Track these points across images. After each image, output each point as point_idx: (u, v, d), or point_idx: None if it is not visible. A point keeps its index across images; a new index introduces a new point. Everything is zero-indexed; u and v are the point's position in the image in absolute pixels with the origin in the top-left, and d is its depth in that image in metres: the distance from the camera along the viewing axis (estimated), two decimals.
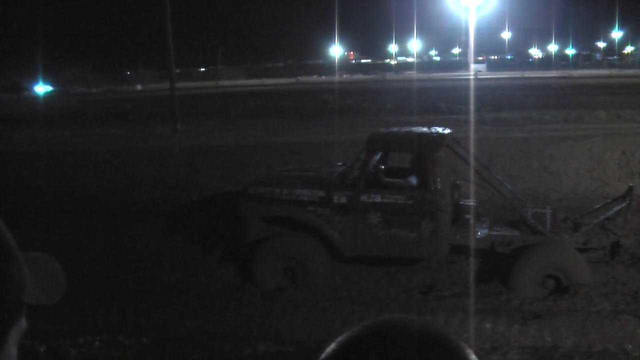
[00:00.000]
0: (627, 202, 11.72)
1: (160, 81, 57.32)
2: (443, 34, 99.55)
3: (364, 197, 11.37)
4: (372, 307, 10.29)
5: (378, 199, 11.36)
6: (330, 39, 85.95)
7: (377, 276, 11.95)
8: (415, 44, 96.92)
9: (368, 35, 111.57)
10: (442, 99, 31.91)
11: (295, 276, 11.56)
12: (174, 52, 27.90)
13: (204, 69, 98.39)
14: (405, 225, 11.23)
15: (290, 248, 11.65)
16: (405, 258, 11.91)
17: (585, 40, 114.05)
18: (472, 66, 49.80)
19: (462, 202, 12.22)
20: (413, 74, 71.35)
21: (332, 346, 1.26)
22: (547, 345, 9.15)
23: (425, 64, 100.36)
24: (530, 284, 10.99)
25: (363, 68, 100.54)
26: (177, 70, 42.80)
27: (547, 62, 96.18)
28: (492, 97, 33.14)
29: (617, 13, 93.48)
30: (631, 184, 12.44)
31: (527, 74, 67.26)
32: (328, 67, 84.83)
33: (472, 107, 22.57)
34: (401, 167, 12.78)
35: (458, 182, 12.67)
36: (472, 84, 33.18)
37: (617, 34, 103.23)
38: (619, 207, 11.89)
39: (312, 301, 10.53)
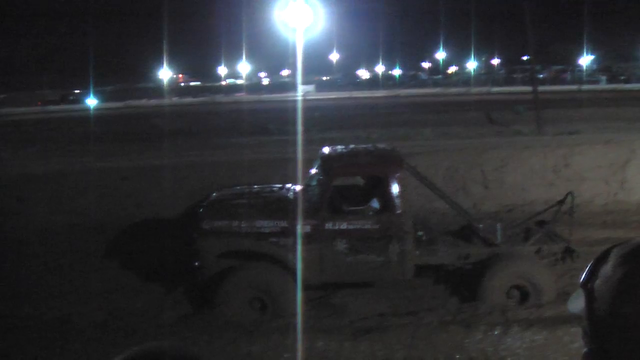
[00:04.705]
0: (570, 207, 12.09)
1: None
2: (272, 56, 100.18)
3: (329, 225, 11.12)
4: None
5: (344, 225, 11.14)
6: (159, 62, 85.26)
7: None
8: (244, 66, 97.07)
9: (197, 58, 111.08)
10: (271, 120, 32.13)
11: (265, 307, 11.12)
12: None
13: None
14: (372, 250, 11.09)
15: (257, 279, 11.15)
16: (373, 282, 11.85)
17: (411, 61, 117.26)
18: (300, 87, 50.25)
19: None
20: (243, 96, 71.48)
21: None
22: (379, 359, 9.27)
23: (255, 86, 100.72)
24: (499, 295, 11.19)
25: (192, 91, 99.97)
26: (2, 95, 41.62)
27: (374, 82, 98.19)
28: (321, 117, 33.56)
29: (440, 35, 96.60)
30: (570, 190, 12.79)
31: (356, 94, 68.42)
32: (157, 91, 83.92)
33: (299, 127, 22.74)
34: (354, 185, 12.67)
35: None
36: (300, 105, 33.49)
37: (441, 55, 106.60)
38: (558, 212, 12.32)
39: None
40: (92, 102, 65.53)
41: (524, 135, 25.13)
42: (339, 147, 13.17)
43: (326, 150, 12.90)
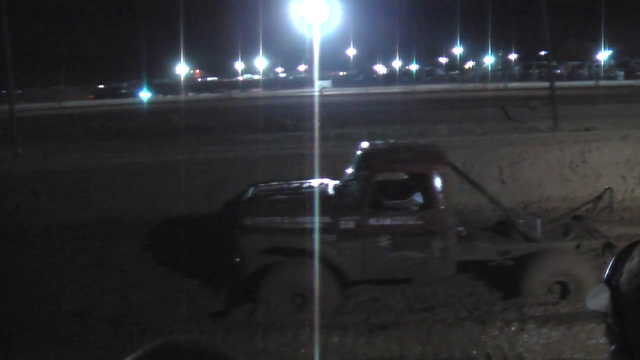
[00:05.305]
0: (610, 203, 12.18)
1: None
2: (289, 51, 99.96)
3: (372, 221, 11.14)
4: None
5: (387, 221, 11.16)
6: (176, 58, 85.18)
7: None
8: (261, 62, 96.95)
9: (214, 53, 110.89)
10: (287, 116, 31.98)
11: (306, 302, 10.98)
12: (13, 71, 26.98)
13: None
14: (415, 246, 11.11)
15: (300, 275, 11.00)
16: (415, 279, 11.82)
17: (428, 56, 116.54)
18: (317, 83, 50.08)
19: None
20: (259, 92, 71.34)
21: None
22: (394, 355, 9.28)
23: (272, 81, 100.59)
24: (541, 291, 11.14)
25: (209, 86, 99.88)
26: (19, 91, 41.55)
27: (391, 77, 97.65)
28: (336, 113, 33.41)
29: (457, 30, 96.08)
30: (608, 187, 12.83)
31: (372, 89, 67.96)
32: (173, 86, 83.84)
33: (316, 123, 22.73)
34: (392, 180, 12.53)
35: None
36: (316, 100, 33.39)
37: (458, 50, 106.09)
38: (598, 208, 12.37)
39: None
40: (145, 95, 65.38)
41: (540, 131, 24.99)
42: (379, 143, 13.14)
43: (366, 145, 12.85)
